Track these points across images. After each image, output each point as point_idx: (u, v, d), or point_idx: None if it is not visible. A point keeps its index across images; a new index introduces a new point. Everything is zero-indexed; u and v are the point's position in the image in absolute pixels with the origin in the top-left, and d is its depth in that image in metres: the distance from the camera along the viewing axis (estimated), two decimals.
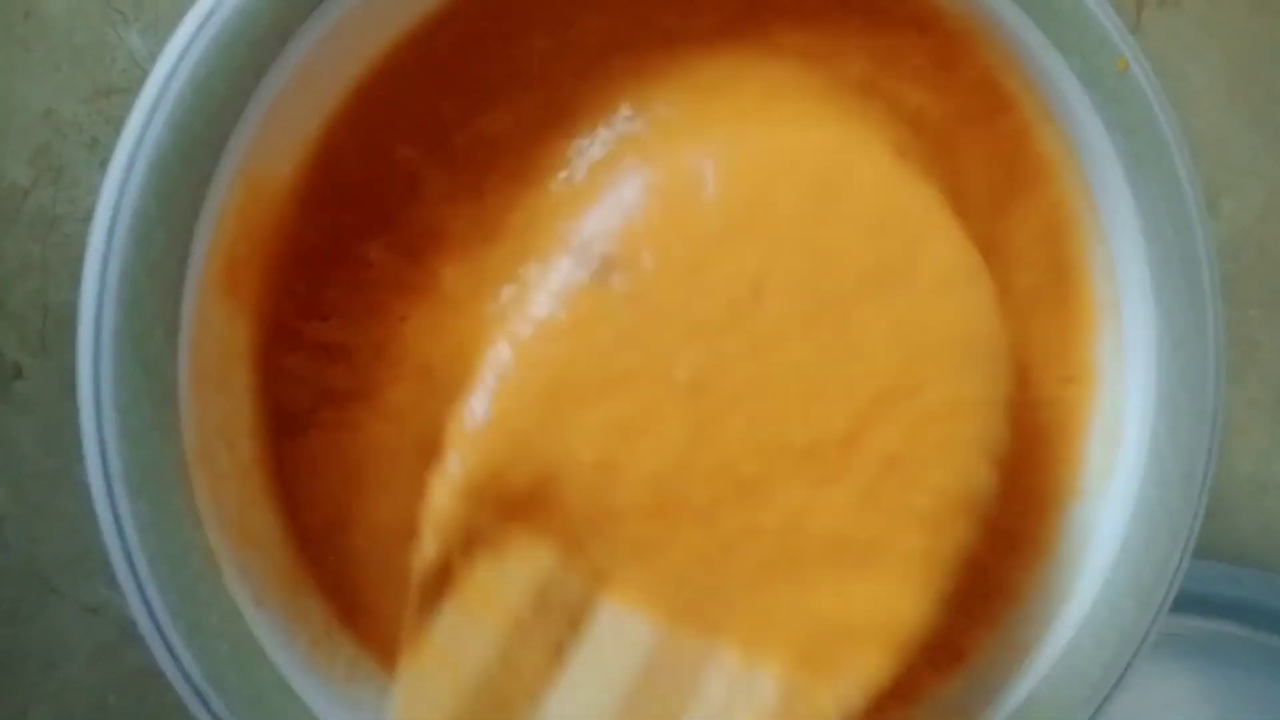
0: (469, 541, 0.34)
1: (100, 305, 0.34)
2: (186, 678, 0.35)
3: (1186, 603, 0.46)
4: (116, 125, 0.35)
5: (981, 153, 0.40)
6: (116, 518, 0.35)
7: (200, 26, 0.34)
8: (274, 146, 0.37)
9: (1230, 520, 0.53)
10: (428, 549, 0.34)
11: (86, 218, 0.34)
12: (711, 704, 0.35)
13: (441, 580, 0.35)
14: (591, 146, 0.38)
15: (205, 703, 0.35)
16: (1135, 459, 0.39)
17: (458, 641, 0.35)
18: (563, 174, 0.38)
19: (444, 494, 0.34)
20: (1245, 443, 0.52)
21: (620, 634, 0.35)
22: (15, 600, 0.48)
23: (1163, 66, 0.38)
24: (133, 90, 0.35)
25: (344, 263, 0.38)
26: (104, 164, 0.34)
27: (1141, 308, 0.38)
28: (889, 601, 0.34)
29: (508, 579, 0.35)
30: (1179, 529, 0.38)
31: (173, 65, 0.34)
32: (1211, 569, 0.51)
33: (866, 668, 0.34)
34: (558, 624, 0.35)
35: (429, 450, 0.38)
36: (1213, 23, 0.51)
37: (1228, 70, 0.51)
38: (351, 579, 0.39)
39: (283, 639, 0.37)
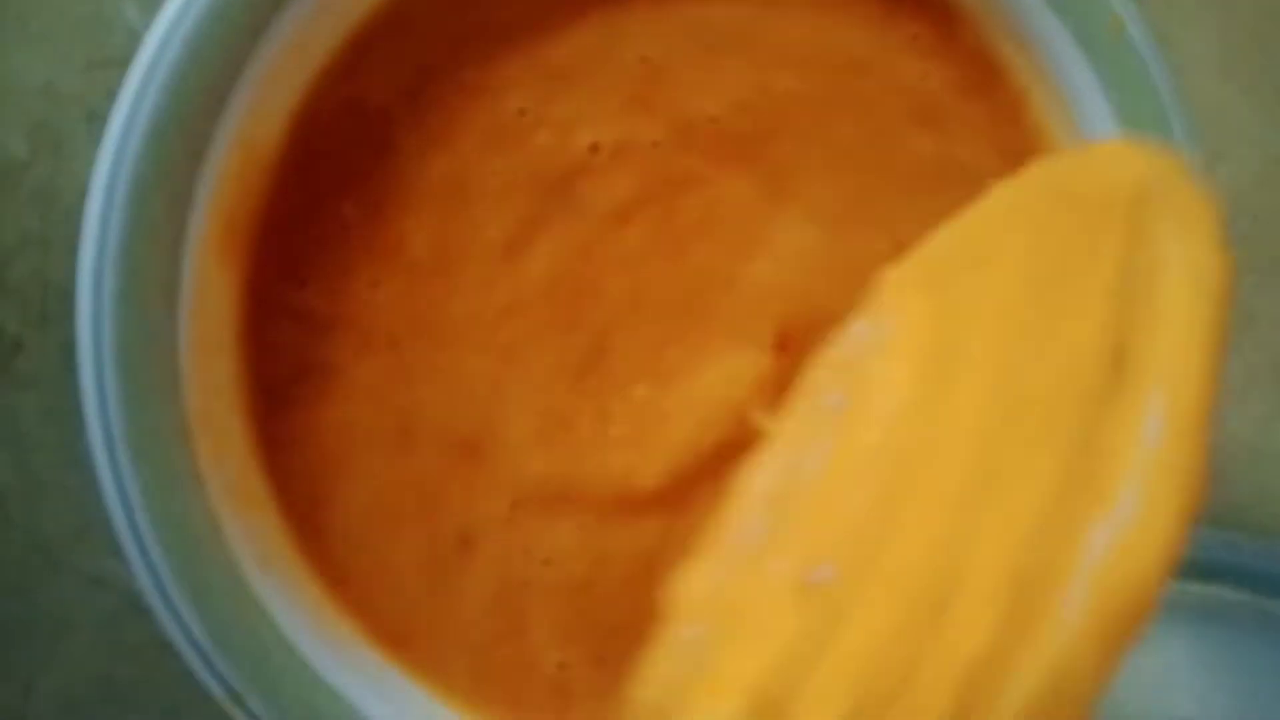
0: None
1: (100, 270, 0.34)
2: (191, 639, 0.36)
3: (1186, 568, 0.46)
4: (115, 98, 0.35)
5: (981, 124, 0.40)
6: (119, 481, 0.35)
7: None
8: (267, 109, 0.37)
9: (1228, 487, 0.53)
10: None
11: (85, 192, 0.34)
12: None
13: None
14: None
15: (209, 663, 0.36)
16: None
17: None
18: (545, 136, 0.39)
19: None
20: (1243, 410, 0.52)
21: None
22: (19, 574, 0.48)
23: (1159, 32, 0.38)
24: (130, 62, 0.35)
25: (322, 224, 0.38)
26: (102, 137, 0.35)
27: None
28: None
29: None
30: None
31: (167, 30, 0.34)
32: (1209, 535, 0.51)
33: None
34: None
35: (402, 433, 0.38)
36: None
37: (1224, 37, 0.51)
38: (335, 558, 0.39)
39: (286, 600, 0.37)
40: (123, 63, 0.44)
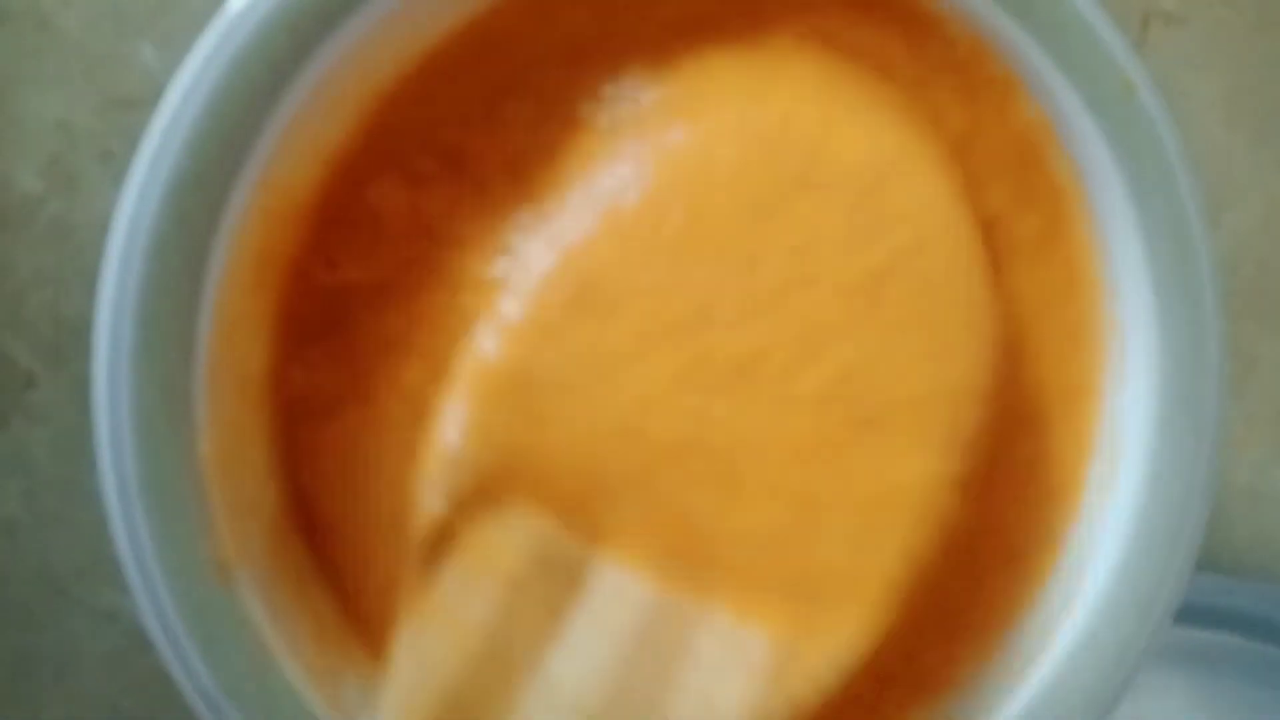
0: (469, 502, 0.35)
1: (117, 325, 0.34)
2: (200, 689, 0.36)
3: (1183, 613, 0.46)
4: (129, 137, 0.35)
5: (1002, 172, 0.40)
6: (131, 532, 0.35)
7: (216, 47, 0.35)
8: (290, 163, 0.37)
9: (1227, 531, 0.53)
10: (428, 509, 0.35)
11: (99, 228, 0.34)
12: (704, 664, 0.36)
13: (441, 541, 0.36)
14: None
15: (217, 710, 0.36)
16: (1136, 476, 0.39)
17: (457, 602, 0.36)
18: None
19: (443, 457, 0.35)
20: (1242, 455, 0.53)
21: (616, 595, 0.36)
22: (28, 607, 0.48)
23: (1167, 82, 0.38)
24: (146, 102, 0.36)
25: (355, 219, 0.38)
26: (117, 176, 0.35)
27: (1144, 327, 0.38)
28: (869, 554, 0.36)
29: (507, 539, 0.36)
30: (1179, 546, 0.39)
31: (188, 87, 0.35)
32: (1208, 580, 0.51)
33: (852, 624, 0.36)
34: (557, 584, 0.36)
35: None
36: (1217, 39, 0.51)
37: (1231, 85, 0.51)
38: (353, 585, 0.39)
39: (296, 649, 0.37)
40: (138, 103, 0.44)
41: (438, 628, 0.36)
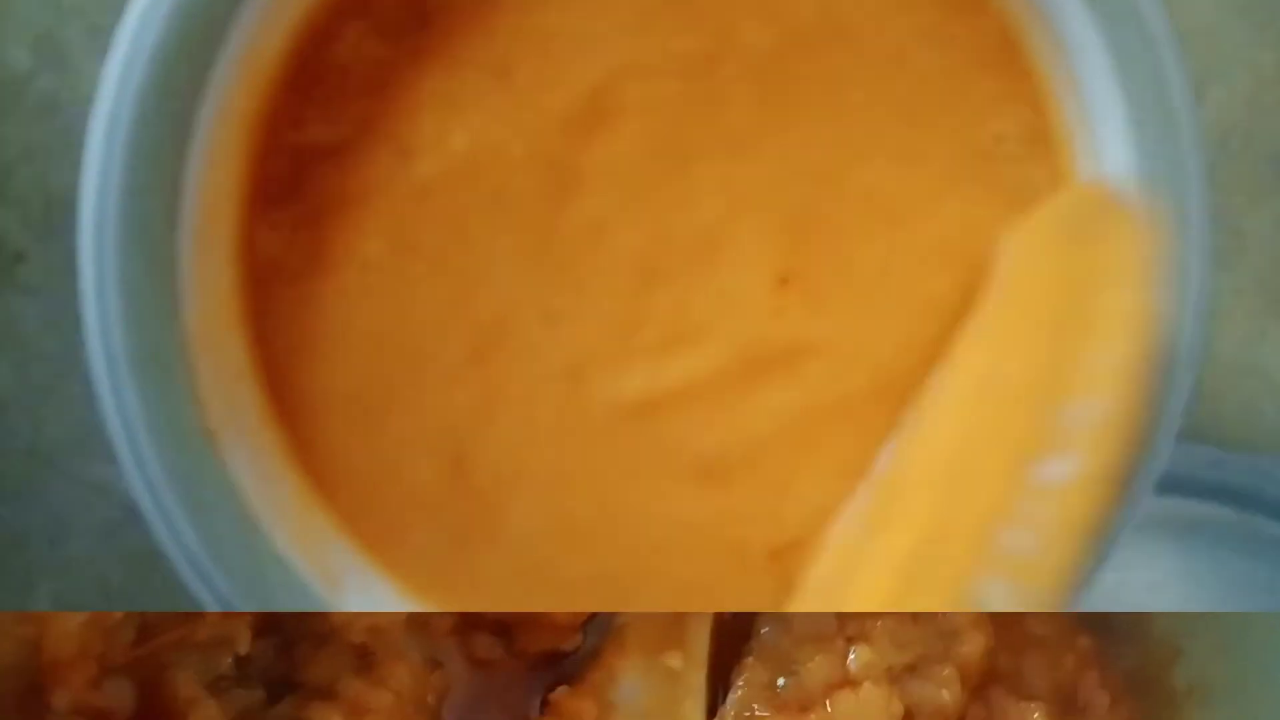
0: None
1: (103, 194, 0.35)
2: (188, 554, 0.36)
3: (1171, 484, 0.47)
4: (118, 11, 0.35)
5: (973, 47, 0.40)
6: (119, 401, 0.35)
7: None
8: (270, 24, 0.37)
9: (1215, 404, 0.53)
10: None
11: (88, 103, 0.34)
12: None
13: None
14: None
15: (206, 578, 0.36)
16: None
17: None
18: None
19: None
20: (1230, 328, 0.53)
21: None
22: (20, 480, 0.49)
23: None
24: None
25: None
26: (105, 50, 0.35)
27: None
28: None
29: None
30: (1161, 413, 0.39)
31: None
32: (1195, 452, 0.52)
33: None
34: None
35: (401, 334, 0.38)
36: None
37: None
38: (324, 454, 0.39)
39: (283, 516, 0.38)
40: None
41: None
